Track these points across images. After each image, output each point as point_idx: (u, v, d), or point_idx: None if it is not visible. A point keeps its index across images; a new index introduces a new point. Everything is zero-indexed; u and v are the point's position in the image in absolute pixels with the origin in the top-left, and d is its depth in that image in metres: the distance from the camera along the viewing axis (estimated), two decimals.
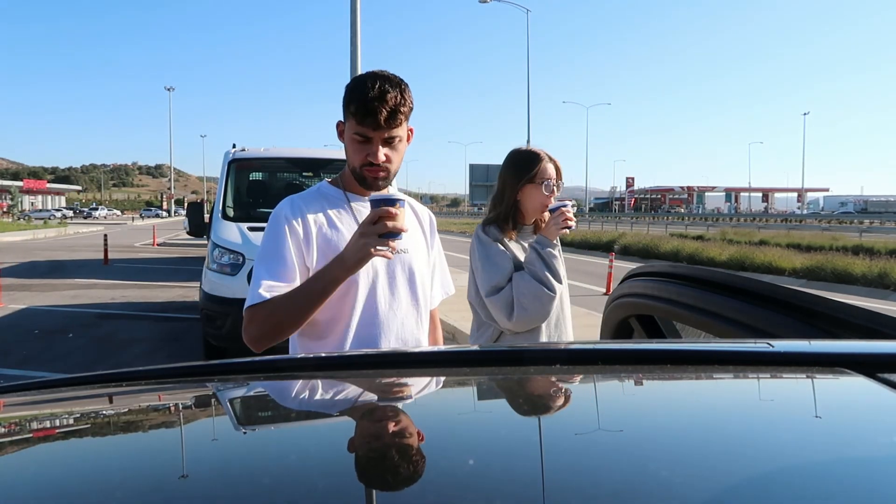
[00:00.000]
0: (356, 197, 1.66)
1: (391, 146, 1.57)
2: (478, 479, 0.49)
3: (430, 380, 0.85)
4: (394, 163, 1.60)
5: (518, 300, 2.06)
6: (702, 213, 68.18)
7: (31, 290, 11.21)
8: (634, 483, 0.49)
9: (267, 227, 1.63)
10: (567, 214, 2.12)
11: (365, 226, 1.45)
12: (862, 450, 0.55)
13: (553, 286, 2.07)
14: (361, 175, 1.59)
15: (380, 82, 1.53)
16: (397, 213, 1.44)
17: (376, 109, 1.50)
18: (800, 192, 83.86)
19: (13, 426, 0.72)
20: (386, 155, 1.56)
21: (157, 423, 0.73)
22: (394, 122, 1.53)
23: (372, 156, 1.55)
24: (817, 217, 50.99)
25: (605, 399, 0.75)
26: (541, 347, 1.22)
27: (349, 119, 1.57)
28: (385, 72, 1.58)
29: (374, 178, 1.58)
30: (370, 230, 1.43)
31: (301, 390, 0.83)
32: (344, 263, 1.48)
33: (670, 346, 1.05)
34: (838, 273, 13.03)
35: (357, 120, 1.54)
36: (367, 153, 1.56)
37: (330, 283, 1.50)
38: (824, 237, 22.56)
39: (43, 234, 30.60)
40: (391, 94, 1.52)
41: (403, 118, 1.56)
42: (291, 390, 0.83)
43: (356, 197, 1.66)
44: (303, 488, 0.49)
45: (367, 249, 1.44)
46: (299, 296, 1.51)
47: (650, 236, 23.01)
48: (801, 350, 0.82)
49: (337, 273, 1.49)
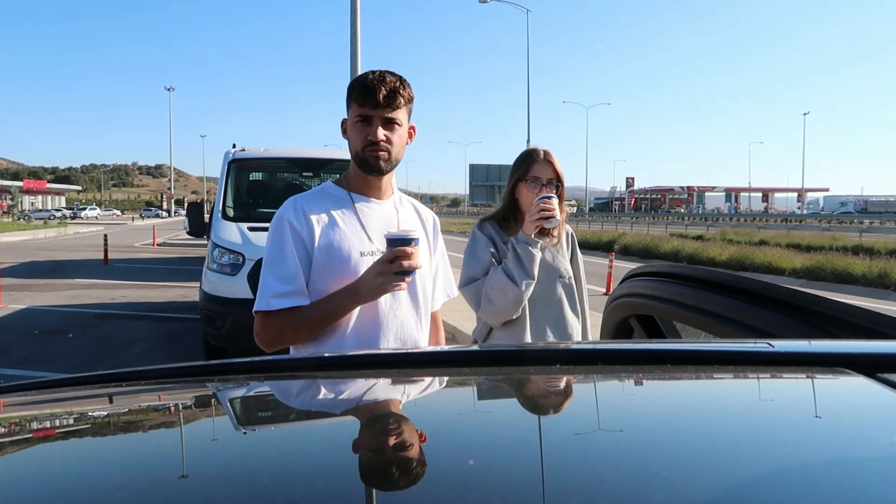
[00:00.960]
0: (360, 197, 1.67)
1: (391, 129, 1.60)
2: (478, 479, 0.49)
3: (430, 380, 0.85)
4: (395, 146, 1.61)
5: (485, 292, 2.11)
6: (702, 213, 68.17)
7: (31, 290, 11.21)
8: (634, 483, 0.49)
9: (270, 230, 1.65)
10: (542, 206, 2.09)
11: (381, 264, 1.50)
12: (862, 450, 0.55)
13: (518, 281, 2.08)
14: (363, 158, 1.61)
15: (381, 71, 1.61)
16: (413, 252, 1.50)
17: (376, 88, 1.56)
18: (800, 192, 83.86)
19: (13, 426, 0.72)
20: (385, 135, 1.59)
21: (157, 423, 0.73)
22: (393, 102, 1.58)
23: (372, 135, 1.58)
24: (817, 217, 51.00)
25: (605, 399, 0.75)
26: (541, 347, 1.22)
27: (351, 106, 1.62)
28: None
29: (375, 159, 1.59)
30: (387, 269, 1.49)
31: (301, 390, 0.83)
32: (357, 296, 1.54)
33: (670, 346, 1.05)
34: (838, 273, 13.03)
35: (358, 102, 1.59)
36: (367, 133, 1.59)
37: (340, 309, 1.57)
38: (824, 237, 22.56)
39: (43, 234, 30.60)
40: (391, 78, 1.59)
41: (403, 101, 1.60)
42: (291, 390, 0.83)
43: (360, 197, 1.67)
44: (303, 488, 0.49)
45: (384, 287, 1.52)
46: (313, 317, 1.57)
47: (650, 236, 23.01)
48: (801, 350, 0.82)
49: (347, 302, 1.56)
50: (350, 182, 1.68)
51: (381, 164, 1.60)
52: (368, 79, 1.58)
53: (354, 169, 1.66)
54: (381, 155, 1.59)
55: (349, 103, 1.62)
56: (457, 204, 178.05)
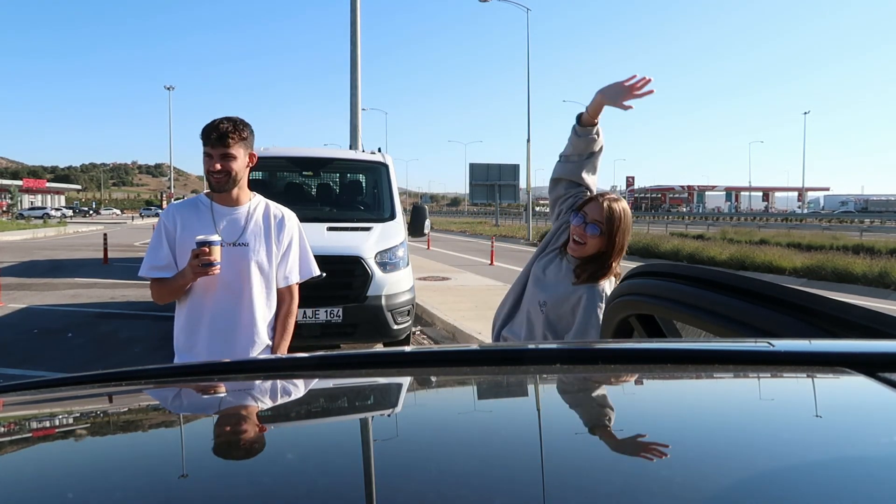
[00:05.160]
0: (218, 205, 2.41)
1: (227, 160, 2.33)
2: (478, 479, 0.49)
3: (430, 379, 0.85)
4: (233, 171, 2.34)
5: None
6: (702, 212, 68.15)
7: (30, 289, 11.21)
8: (635, 483, 0.49)
9: (156, 226, 2.46)
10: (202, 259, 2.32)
11: (191, 257, 2.26)
12: (862, 449, 0.55)
13: None
14: (209, 180, 2.35)
15: (220, 119, 2.36)
16: (208, 250, 2.23)
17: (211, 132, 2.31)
18: (800, 192, 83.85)
19: (13, 426, 0.72)
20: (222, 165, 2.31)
21: (157, 423, 0.73)
22: (226, 141, 2.30)
23: (212, 166, 2.32)
24: (818, 216, 50.98)
25: (605, 399, 0.75)
26: (541, 347, 1.22)
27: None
28: None
29: (216, 182, 2.34)
30: (194, 261, 2.25)
31: (301, 390, 0.83)
32: (185, 277, 2.32)
33: (670, 345, 1.05)
34: (839, 272, 13.03)
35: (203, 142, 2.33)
36: (209, 165, 2.32)
37: (182, 283, 2.35)
38: (825, 236, 22.55)
39: (42, 234, 30.60)
40: (224, 125, 2.32)
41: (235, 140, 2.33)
42: (291, 390, 0.83)
43: (218, 205, 2.41)
44: (303, 488, 0.49)
45: (194, 272, 2.27)
46: (172, 284, 2.37)
47: (650, 235, 23.01)
48: (801, 349, 0.82)
49: (183, 280, 2.33)
50: (213, 195, 2.42)
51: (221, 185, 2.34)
52: (211, 125, 2.32)
53: None
54: (221, 178, 2.32)
55: None
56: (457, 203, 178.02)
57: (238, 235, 2.38)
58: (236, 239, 2.38)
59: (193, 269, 2.25)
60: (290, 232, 2.51)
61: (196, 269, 2.24)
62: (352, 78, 11.96)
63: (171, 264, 2.36)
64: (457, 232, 32.83)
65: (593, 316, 2.14)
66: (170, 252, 2.37)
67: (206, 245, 2.22)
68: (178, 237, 2.36)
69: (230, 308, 2.38)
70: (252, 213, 2.42)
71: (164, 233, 2.38)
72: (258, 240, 2.41)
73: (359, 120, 11.86)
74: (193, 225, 2.35)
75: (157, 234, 2.39)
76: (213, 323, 2.38)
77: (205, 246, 2.22)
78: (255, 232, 2.40)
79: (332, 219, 6.31)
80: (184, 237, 2.34)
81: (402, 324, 5.93)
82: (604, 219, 2.16)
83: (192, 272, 2.26)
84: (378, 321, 5.69)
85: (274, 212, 2.49)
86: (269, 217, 2.46)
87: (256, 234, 2.41)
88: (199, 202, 2.43)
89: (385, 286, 5.75)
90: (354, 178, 7.72)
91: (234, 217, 2.40)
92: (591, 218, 2.17)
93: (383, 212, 6.66)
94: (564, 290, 2.21)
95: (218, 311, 2.38)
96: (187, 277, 2.30)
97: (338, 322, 5.58)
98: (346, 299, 5.60)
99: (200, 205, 2.41)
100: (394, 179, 6.94)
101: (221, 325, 2.38)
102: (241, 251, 2.38)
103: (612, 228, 2.16)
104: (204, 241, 2.23)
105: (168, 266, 2.36)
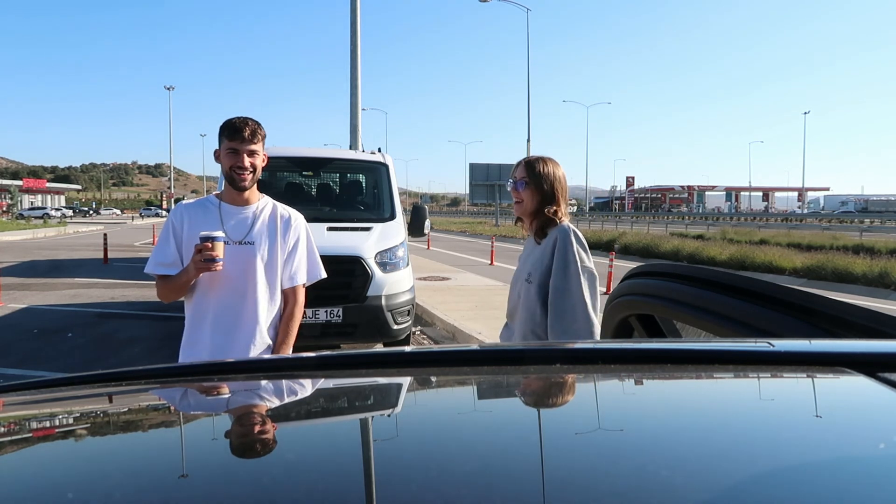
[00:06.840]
0: (227, 205, 2.45)
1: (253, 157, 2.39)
2: (478, 479, 0.49)
3: (430, 379, 0.85)
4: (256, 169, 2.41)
5: None
6: (702, 212, 68.04)
7: (30, 289, 11.21)
8: (635, 483, 0.49)
9: (164, 223, 2.50)
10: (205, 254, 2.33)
11: (195, 253, 2.28)
12: (863, 449, 0.55)
13: None
14: (231, 177, 2.39)
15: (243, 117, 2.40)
16: (211, 246, 2.25)
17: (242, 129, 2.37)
18: (800, 192, 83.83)
19: (13, 426, 0.72)
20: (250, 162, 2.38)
21: (157, 423, 0.73)
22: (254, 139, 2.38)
23: (239, 161, 2.36)
24: (818, 216, 50.88)
25: (605, 399, 0.75)
26: (541, 347, 1.22)
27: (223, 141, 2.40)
28: None
29: (241, 179, 2.39)
30: (196, 257, 2.27)
31: (301, 390, 0.83)
32: (189, 273, 2.34)
33: (670, 345, 1.05)
34: (839, 272, 13.02)
35: (229, 138, 2.38)
36: (235, 161, 2.36)
37: (186, 279, 2.37)
38: (825, 236, 22.53)
39: (42, 234, 30.59)
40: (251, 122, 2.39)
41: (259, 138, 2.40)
42: (291, 389, 0.83)
43: (227, 205, 2.45)
44: (303, 488, 0.49)
45: (196, 268, 2.29)
46: (176, 280, 2.39)
47: (650, 235, 23.00)
48: (801, 349, 0.82)
49: (187, 277, 2.35)
50: (223, 195, 2.48)
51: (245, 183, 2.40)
52: (239, 121, 2.37)
53: (226, 185, 2.45)
54: (247, 174, 2.38)
55: (220, 139, 2.40)
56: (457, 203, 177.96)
57: (244, 234, 2.42)
58: (242, 237, 2.41)
59: (196, 264, 2.27)
60: (296, 232, 2.54)
61: (199, 265, 2.26)
62: (352, 78, 11.97)
63: (177, 262, 2.39)
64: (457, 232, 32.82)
65: (568, 252, 2.32)
66: (176, 250, 2.41)
67: (209, 240, 2.24)
68: (185, 235, 2.40)
69: (234, 305, 2.41)
70: (259, 212, 2.47)
71: (171, 230, 2.43)
72: (264, 239, 2.45)
73: (359, 120, 11.87)
74: (200, 223, 2.38)
75: (165, 232, 2.44)
76: (216, 319, 2.41)
77: (208, 241, 2.24)
78: (261, 231, 2.44)
79: (332, 219, 6.30)
80: (190, 235, 2.37)
81: (403, 324, 5.93)
82: (526, 173, 2.43)
83: (195, 267, 2.28)
84: (378, 321, 5.69)
85: (281, 212, 2.53)
86: (276, 217, 2.50)
87: (262, 234, 2.45)
88: (208, 202, 2.48)
89: (385, 286, 5.75)
90: (354, 178, 7.72)
91: (242, 216, 2.44)
92: (517, 177, 2.46)
93: (383, 212, 6.66)
94: (539, 253, 2.39)
95: (222, 307, 2.41)
96: (190, 273, 2.32)
97: (338, 322, 5.58)
98: (346, 299, 5.60)
99: (209, 204, 2.46)
100: (394, 179, 6.93)
101: (224, 321, 2.41)
102: (247, 249, 2.41)
103: (537, 179, 2.42)
104: (207, 236, 2.25)
105: (174, 263, 2.39)
